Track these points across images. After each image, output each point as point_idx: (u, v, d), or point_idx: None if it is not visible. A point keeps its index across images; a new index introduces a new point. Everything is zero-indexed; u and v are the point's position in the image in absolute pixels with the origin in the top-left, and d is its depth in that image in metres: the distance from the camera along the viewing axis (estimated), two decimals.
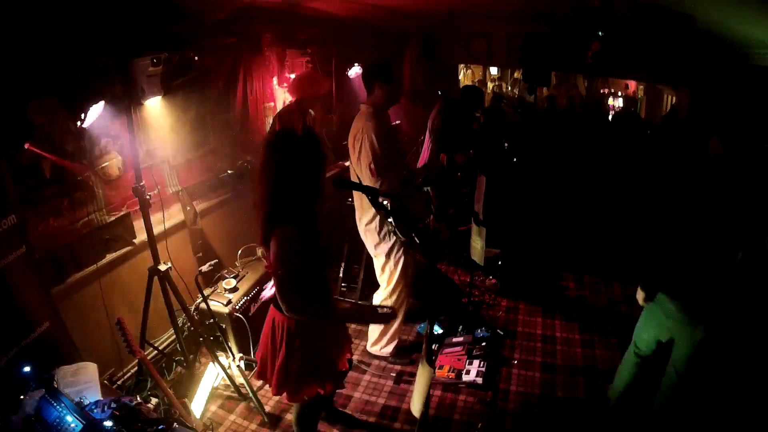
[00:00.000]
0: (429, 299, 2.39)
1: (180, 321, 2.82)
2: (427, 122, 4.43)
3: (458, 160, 4.33)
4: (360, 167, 2.63)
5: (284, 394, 1.92)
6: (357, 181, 2.68)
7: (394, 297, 2.92)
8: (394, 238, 2.76)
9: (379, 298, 2.98)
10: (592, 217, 4.81)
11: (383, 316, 2.03)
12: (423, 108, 4.92)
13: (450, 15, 5.27)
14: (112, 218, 2.72)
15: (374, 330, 3.09)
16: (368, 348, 3.16)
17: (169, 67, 2.51)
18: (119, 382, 2.67)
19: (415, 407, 1.74)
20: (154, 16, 2.52)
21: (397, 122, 5.53)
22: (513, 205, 4.50)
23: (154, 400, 2.45)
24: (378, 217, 2.73)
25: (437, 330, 3.29)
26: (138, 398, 2.30)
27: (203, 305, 2.70)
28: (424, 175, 4.11)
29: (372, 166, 2.56)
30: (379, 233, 2.79)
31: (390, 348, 3.09)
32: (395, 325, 3.02)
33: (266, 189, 1.71)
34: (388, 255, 2.82)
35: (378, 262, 2.92)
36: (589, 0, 3.29)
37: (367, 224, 2.82)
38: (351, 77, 4.95)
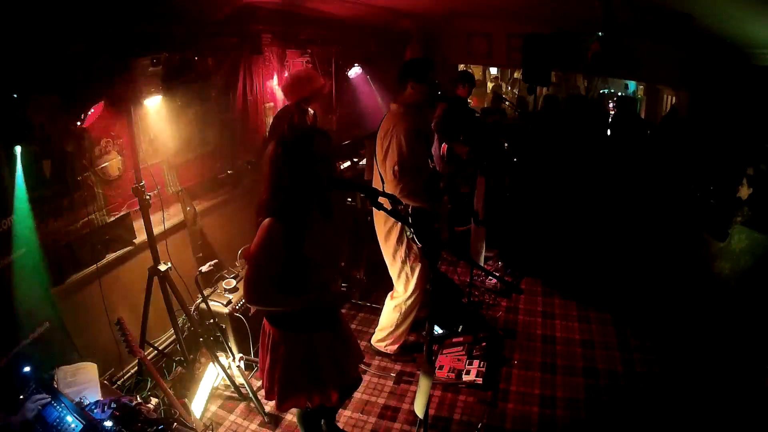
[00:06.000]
0: (430, 300, 2.38)
1: (180, 321, 2.82)
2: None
3: (459, 152, 4.24)
4: (384, 167, 2.61)
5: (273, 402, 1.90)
6: (380, 178, 2.66)
7: (409, 302, 2.91)
8: (412, 243, 2.72)
9: (394, 302, 2.98)
10: (592, 218, 4.81)
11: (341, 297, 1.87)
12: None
13: (450, 15, 5.27)
14: (112, 218, 2.72)
15: (382, 328, 3.09)
16: (372, 343, 3.15)
17: (169, 67, 2.51)
18: (119, 382, 2.67)
19: (419, 408, 1.74)
20: (154, 16, 2.52)
21: None
22: (513, 205, 4.49)
23: (154, 400, 2.44)
24: (397, 223, 2.68)
25: (437, 330, 3.29)
26: (138, 398, 2.31)
27: (203, 305, 2.70)
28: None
29: (396, 168, 2.54)
30: (396, 238, 2.75)
31: (394, 347, 3.10)
32: (402, 327, 3.02)
33: (265, 182, 1.72)
34: (404, 260, 2.80)
35: (394, 267, 2.88)
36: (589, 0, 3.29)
37: (386, 228, 2.77)
38: (351, 77, 4.94)
